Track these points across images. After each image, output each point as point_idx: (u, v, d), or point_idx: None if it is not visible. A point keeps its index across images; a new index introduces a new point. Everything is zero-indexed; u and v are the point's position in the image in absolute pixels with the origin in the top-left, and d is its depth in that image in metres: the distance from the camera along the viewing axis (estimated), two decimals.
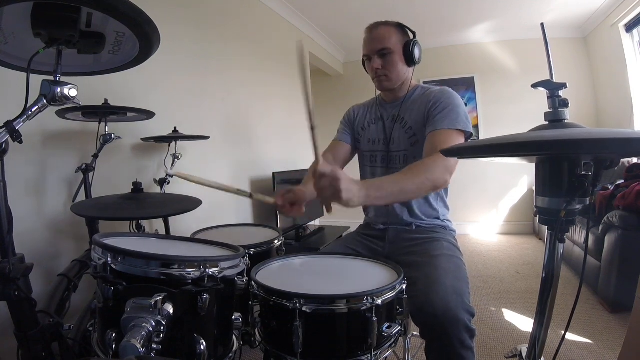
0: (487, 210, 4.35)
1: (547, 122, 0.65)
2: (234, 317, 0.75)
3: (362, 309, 0.71)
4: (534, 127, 0.64)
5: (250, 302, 0.83)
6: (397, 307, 0.80)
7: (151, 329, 0.56)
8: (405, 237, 1.20)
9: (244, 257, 0.78)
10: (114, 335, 0.60)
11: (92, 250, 0.68)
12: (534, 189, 0.94)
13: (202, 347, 0.63)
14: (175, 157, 1.66)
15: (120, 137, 1.33)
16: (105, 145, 1.28)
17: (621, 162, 2.52)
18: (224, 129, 2.29)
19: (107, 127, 1.29)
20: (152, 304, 0.57)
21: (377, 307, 0.73)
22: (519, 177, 4.20)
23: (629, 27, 3.14)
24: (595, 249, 2.16)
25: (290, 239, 2.71)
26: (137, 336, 0.53)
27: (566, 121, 0.63)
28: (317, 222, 3.31)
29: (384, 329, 0.76)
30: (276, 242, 1.18)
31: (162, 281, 0.62)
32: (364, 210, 1.38)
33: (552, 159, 0.63)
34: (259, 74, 2.75)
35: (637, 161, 2.46)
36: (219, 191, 0.93)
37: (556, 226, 0.63)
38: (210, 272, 0.65)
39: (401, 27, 1.21)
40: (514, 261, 3.16)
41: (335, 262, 0.99)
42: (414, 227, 1.21)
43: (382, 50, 1.17)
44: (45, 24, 0.66)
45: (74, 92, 0.71)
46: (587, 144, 0.48)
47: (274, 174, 2.52)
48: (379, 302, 0.73)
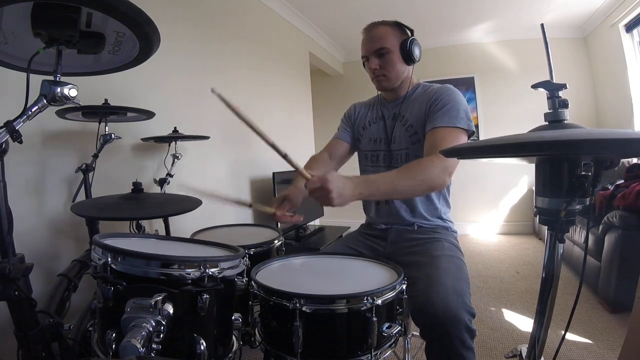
0: (487, 210, 4.35)
1: (547, 123, 0.65)
2: (234, 317, 0.75)
3: (362, 309, 0.71)
4: (534, 127, 0.64)
5: (250, 302, 0.83)
6: (397, 307, 0.80)
7: (151, 329, 0.56)
8: (406, 237, 1.19)
9: (243, 257, 0.78)
10: (114, 335, 0.59)
11: (92, 250, 0.68)
12: (534, 189, 0.94)
13: (202, 347, 0.63)
14: (175, 157, 1.66)
15: (120, 137, 1.33)
16: (105, 145, 1.28)
17: (621, 162, 2.52)
18: (224, 129, 2.29)
19: (107, 127, 1.29)
20: (152, 304, 0.57)
21: (377, 307, 0.73)
22: (519, 177, 4.20)
23: (629, 27, 3.14)
24: (595, 249, 2.16)
25: (290, 239, 2.71)
26: (137, 336, 0.53)
27: (566, 121, 0.63)
28: (317, 222, 3.31)
29: (384, 329, 0.76)
30: (276, 242, 1.18)
31: (162, 281, 0.62)
32: (364, 210, 1.38)
33: (552, 159, 0.63)
34: (258, 74, 2.75)
35: (637, 161, 2.46)
36: (218, 191, 0.94)
37: (556, 226, 0.63)
38: (210, 272, 0.65)
39: (398, 26, 1.20)
40: (514, 261, 3.16)
41: (335, 262, 0.99)
42: (416, 227, 1.21)
43: (379, 50, 1.17)
44: (45, 24, 0.66)
45: (74, 92, 0.71)
46: (587, 144, 0.48)
47: (273, 174, 2.52)
48: (379, 302, 0.73)
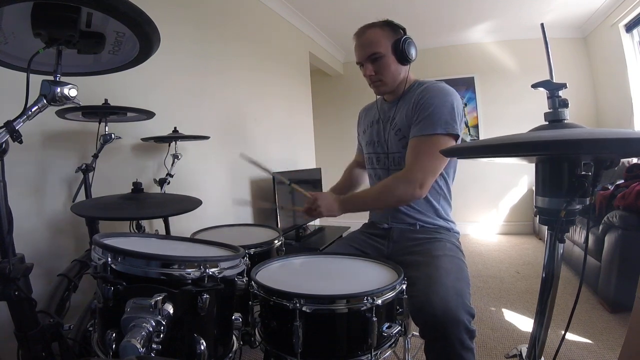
0: (487, 210, 4.35)
1: (547, 122, 0.65)
2: (234, 317, 0.75)
3: (362, 309, 0.71)
4: (534, 127, 0.64)
5: (250, 302, 0.83)
6: (397, 307, 0.80)
7: (151, 329, 0.56)
8: (409, 236, 1.19)
9: (244, 257, 0.78)
10: (114, 335, 0.59)
11: (92, 250, 0.68)
12: (534, 189, 0.94)
13: (202, 347, 0.63)
14: (175, 157, 1.66)
15: (120, 137, 1.33)
16: (105, 145, 1.28)
17: (621, 162, 2.52)
18: (224, 129, 2.29)
19: (107, 127, 1.29)
20: (152, 304, 0.57)
21: (377, 307, 0.73)
22: (519, 177, 4.20)
23: (629, 27, 3.14)
24: (595, 249, 2.16)
25: (290, 239, 2.71)
26: (137, 336, 0.53)
27: (566, 121, 0.64)
28: (317, 222, 3.30)
29: (384, 329, 0.76)
30: (276, 242, 1.19)
31: (162, 281, 0.62)
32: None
33: (552, 159, 0.63)
34: (259, 74, 2.75)
35: (637, 161, 2.46)
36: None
37: (556, 226, 0.63)
38: (210, 272, 0.65)
39: (389, 26, 1.18)
40: (514, 261, 3.16)
41: (335, 262, 0.99)
42: (418, 227, 1.20)
43: (372, 55, 1.16)
44: (45, 24, 0.66)
45: (74, 92, 0.71)
46: (587, 144, 0.48)
47: (273, 174, 2.51)
48: (379, 302, 0.73)
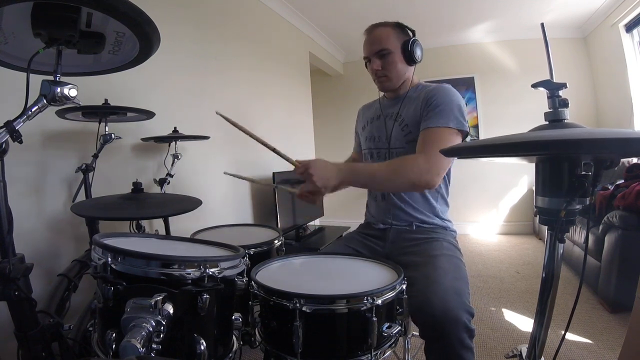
0: (487, 210, 4.35)
1: (547, 122, 0.65)
2: (234, 317, 0.75)
3: (362, 309, 0.71)
4: (534, 127, 0.64)
5: (250, 302, 0.83)
6: (397, 307, 0.80)
7: (151, 329, 0.56)
8: (405, 237, 1.19)
9: (244, 257, 0.78)
10: (114, 335, 0.59)
11: (92, 250, 0.68)
12: (534, 189, 0.94)
13: (202, 347, 0.63)
14: (175, 157, 1.66)
15: (120, 137, 1.33)
16: (105, 145, 1.28)
17: (621, 162, 2.52)
18: (224, 129, 2.28)
19: (107, 127, 1.29)
20: (152, 304, 0.57)
21: (377, 307, 0.73)
22: (519, 177, 4.20)
23: (629, 27, 3.14)
24: (595, 249, 2.16)
25: (290, 239, 2.71)
26: (137, 336, 0.53)
27: (566, 121, 0.63)
28: (317, 222, 3.30)
29: (384, 329, 0.76)
30: (276, 242, 1.19)
31: (162, 281, 0.62)
32: (367, 208, 1.38)
33: (552, 159, 0.63)
34: (259, 74, 2.75)
35: (637, 161, 2.46)
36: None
37: (556, 226, 0.63)
38: (210, 272, 0.65)
39: (400, 27, 1.21)
40: (514, 261, 3.16)
41: (335, 262, 0.99)
42: (414, 227, 1.21)
43: (380, 51, 1.18)
44: (45, 24, 0.66)
45: (74, 92, 0.71)
46: (587, 144, 0.48)
47: (273, 174, 2.51)
48: (379, 302, 0.73)
